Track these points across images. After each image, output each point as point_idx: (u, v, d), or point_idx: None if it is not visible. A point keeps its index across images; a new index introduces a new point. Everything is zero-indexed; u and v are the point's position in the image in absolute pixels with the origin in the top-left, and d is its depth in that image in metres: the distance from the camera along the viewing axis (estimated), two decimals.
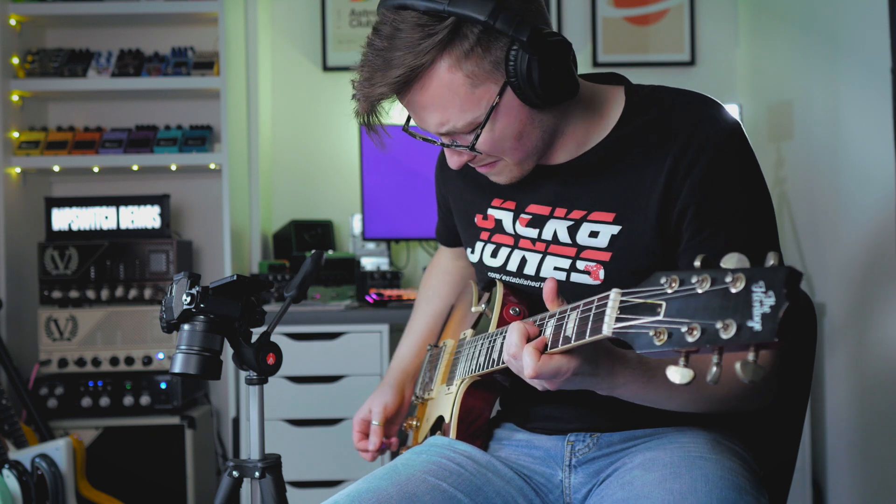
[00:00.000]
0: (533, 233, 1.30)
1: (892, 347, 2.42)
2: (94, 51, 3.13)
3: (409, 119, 1.25)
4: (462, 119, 1.16)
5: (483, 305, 1.38)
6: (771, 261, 0.76)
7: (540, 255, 1.29)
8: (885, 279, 2.42)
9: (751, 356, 0.75)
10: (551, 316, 1.07)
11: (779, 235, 1.23)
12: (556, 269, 1.27)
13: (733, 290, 0.77)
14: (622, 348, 1.05)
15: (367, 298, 2.87)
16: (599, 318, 0.94)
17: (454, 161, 1.24)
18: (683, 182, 1.18)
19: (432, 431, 1.41)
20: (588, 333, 0.96)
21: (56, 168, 3.05)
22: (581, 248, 1.25)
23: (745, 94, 3.36)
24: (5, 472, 2.36)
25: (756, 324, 0.75)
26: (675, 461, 1.18)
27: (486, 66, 1.14)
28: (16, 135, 3.04)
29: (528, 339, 1.05)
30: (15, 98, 3.04)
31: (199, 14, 3.09)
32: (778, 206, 2.99)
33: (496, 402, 1.38)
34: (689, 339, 0.79)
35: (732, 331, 0.76)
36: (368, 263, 3.17)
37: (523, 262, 1.32)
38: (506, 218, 1.35)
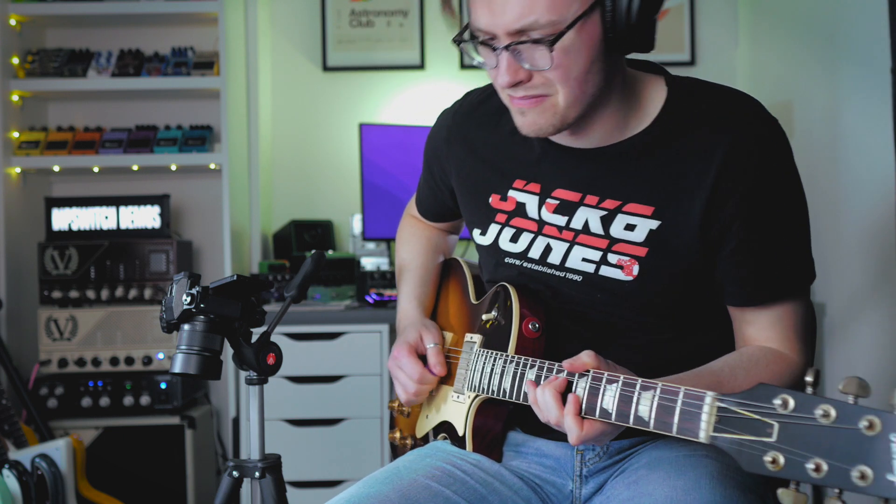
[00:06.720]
0: (561, 220, 1.24)
1: (892, 347, 2.42)
2: (94, 51, 3.13)
3: (465, 28, 1.15)
4: (546, 15, 1.07)
5: (494, 313, 1.29)
6: None
7: (567, 244, 1.23)
8: (885, 279, 2.42)
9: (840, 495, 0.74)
10: (610, 381, 1.03)
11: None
12: (584, 259, 1.22)
13: (868, 434, 0.74)
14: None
15: (367, 298, 2.88)
16: (690, 417, 0.90)
17: (505, 78, 1.11)
18: (733, 187, 1.14)
19: (434, 433, 1.40)
20: (676, 429, 0.92)
21: (56, 168, 3.05)
22: (614, 241, 1.20)
23: None
24: (5, 472, 2.36)
25: None
26: (679, 459, 1.19)
27: None
28: (16, 135, 3.04)
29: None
30: (15, 98, 3.03)
31: (199, 14, 3.09)
32: None
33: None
34: (814, 476, 0.76)
35: (869, 480, 0.73)
36: (368, 263, 3.17)
37: (548, 249, 1.25)
38: (530, 202, 1.27)
